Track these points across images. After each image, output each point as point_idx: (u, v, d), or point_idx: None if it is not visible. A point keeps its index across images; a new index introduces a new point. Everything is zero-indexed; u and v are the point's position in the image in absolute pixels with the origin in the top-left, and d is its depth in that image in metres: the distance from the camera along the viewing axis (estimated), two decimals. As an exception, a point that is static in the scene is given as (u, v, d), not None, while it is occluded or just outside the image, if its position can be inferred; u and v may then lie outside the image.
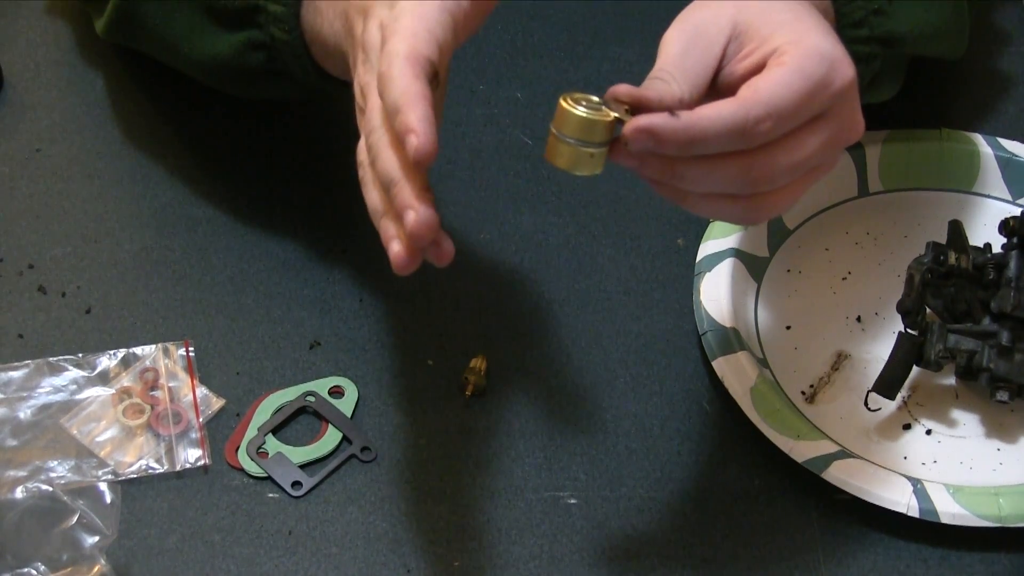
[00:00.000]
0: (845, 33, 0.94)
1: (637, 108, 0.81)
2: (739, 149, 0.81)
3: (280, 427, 0.99)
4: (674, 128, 0.80)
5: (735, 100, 0.81)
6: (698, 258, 1.04)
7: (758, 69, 0.83)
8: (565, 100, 0.81)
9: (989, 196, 1.10)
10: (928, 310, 0.99)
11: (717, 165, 0.82)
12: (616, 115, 0.81)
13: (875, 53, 0.97)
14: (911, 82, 1.07)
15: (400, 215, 0.80)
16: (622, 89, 0.82)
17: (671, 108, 0.81)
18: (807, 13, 0.85)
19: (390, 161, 0.81)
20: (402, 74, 0.80)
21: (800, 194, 0.86)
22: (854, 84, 0.84)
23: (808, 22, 0.84)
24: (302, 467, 0.97)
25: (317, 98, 1.08)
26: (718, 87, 0.84)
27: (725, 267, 1.03)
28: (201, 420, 0.98)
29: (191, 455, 0.97)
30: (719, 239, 1.04)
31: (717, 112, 0.80)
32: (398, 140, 0.80)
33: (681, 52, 0.83)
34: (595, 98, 0.82)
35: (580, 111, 0.80)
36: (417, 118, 0.79)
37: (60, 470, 0.96)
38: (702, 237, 1.04)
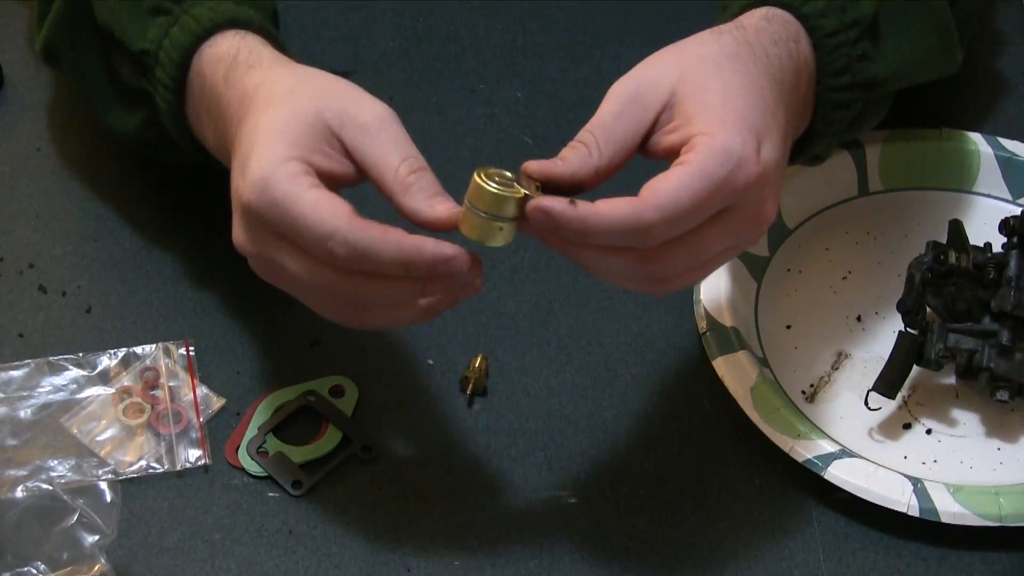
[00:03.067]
0: (826, 81, 0.93)
1: (548, 184, 0.84)
2: (634, 246, 0.83)
3: (280, 426, 0.98)
4: (569, 218, 0.82)
5: (632, 201, 0.82)
6: (698, 258, 1.03)
7: (677, 148, 0.84)
8: (479, 175, 0.83)
9: (989, 196, 1.10)
10: (928, 309, 0.99)
11: (615, 256, 0.83)
12: (525, 192, 0.83)
13: (856, 98, 0.95)
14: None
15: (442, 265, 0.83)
16: (534, 166, 0.84)
17: (583, 182, 0.84)
18: (742, 92, 0.85)
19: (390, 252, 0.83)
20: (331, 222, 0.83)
21: (706, 275, 0.88)
22: (761, 180, 0.84)
23: (736, 106, 0.84)
24: (302, 466, 0.97)
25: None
26: (648, 149, 0.86)
27: (725, 267, 1.03)
28: (201, 419, 0.98)
29: (191, 454, 0.97)
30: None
31: (612, 210, 0.82)
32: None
33: (615, 115, 0.85)
34: (508, 173, 0.84)
35: (492, 187, 0.83)
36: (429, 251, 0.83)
37: (60, 469, 0.96)
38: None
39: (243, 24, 0.93)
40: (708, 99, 0.84)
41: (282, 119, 0.86)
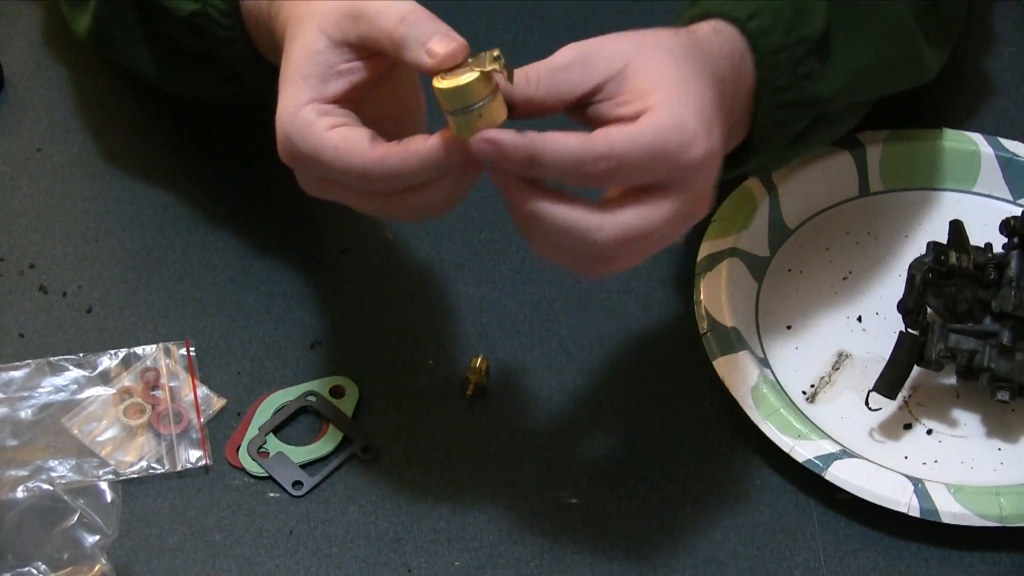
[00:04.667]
0: (767, 99, 0.92)
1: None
2: (578, 184, 0.82)
3: (281, 427, 0.98)
4: (516, 144, 0.81)
5: (583, 135, 0.82)
6: (698, 258, 1.03)
7: (630, 119, 0.83)
8: (436, 80, 0.82)
9: (990, 196, 1.10)
10: (929, 310, 0.99)
11: (561, 209, 0.83)
12: (481, 70, 0.81)
13: (798, 116, 0.94)
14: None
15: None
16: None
17: (514, 102, 0.83)
18: (696, 80, 0.85)
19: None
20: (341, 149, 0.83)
21: (638, 262, 0.87)
22: (708, 162, 0.84)
23: (691, 90, 0.84)
24: (303, 467, 0.97)
25: None
26: (591, 117, 0.85)
27: (725, 267, 1.03)
28: (202, 420, 0.98)
29: (192, 455, 0.97)
30: (719, 239, 1.04)
31: (562, 140, 0.82)
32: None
33: (560, 66, 0.85)
34: (469, 59, 0.83)
35: (446, 84, 0.81)
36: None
37: (61, 470, 0.96)
38: (702, 237, 1.04)
39: None
40: (664, 78, 0.84)
41: (295, 57, 0.86)
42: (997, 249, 1.01)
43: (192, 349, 1.01)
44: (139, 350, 1.01)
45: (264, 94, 0.90)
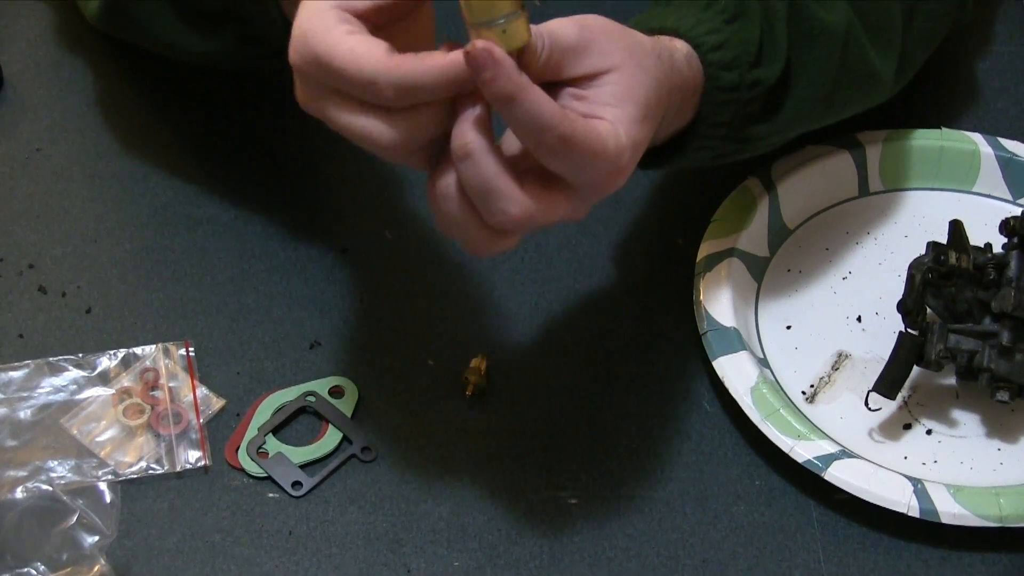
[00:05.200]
0: (702, 129, 0.93)
1: None
2: (524, 141, 0.82)
3: (280, 427, 0.98)
4: (509, 74, 0.80)
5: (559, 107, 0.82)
6: (698, 258, 1.03)
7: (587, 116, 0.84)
8: None
9: (989, 196, 1.10)
10: (928, 310, 0.99)
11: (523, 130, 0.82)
12: None
13: (728, 150, 0.95)
14: (911, 82, 1.07)
15: None
16: None
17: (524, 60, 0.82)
18: (655, 112, 0.86)
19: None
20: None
21: (512, 245, 0.86)
22: (614, 189, 0.85)
23: (644, 123, 0.85)
24: (302, 467, 0.97)
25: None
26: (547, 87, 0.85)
27: (725, 267, 1.03)
28: (201, 420, 0.98)
29: (191, 455, 0.97)
30: (719, 239, 1.04)
31: (546, 101, 0.81)
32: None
33: (564, 48, 0.84)
34: None
35: None
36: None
37: (60, 470, 0.96)
38: (702, 237, 1.04)
39: None
40: (633, 101, 0.84)
41: None
42: (997, 249, 1.01)
43: (191, 349, 1.01)
44: (138, 350, 1.01)
45: (282, 59, 0.89)
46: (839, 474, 0.94)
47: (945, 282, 0.99)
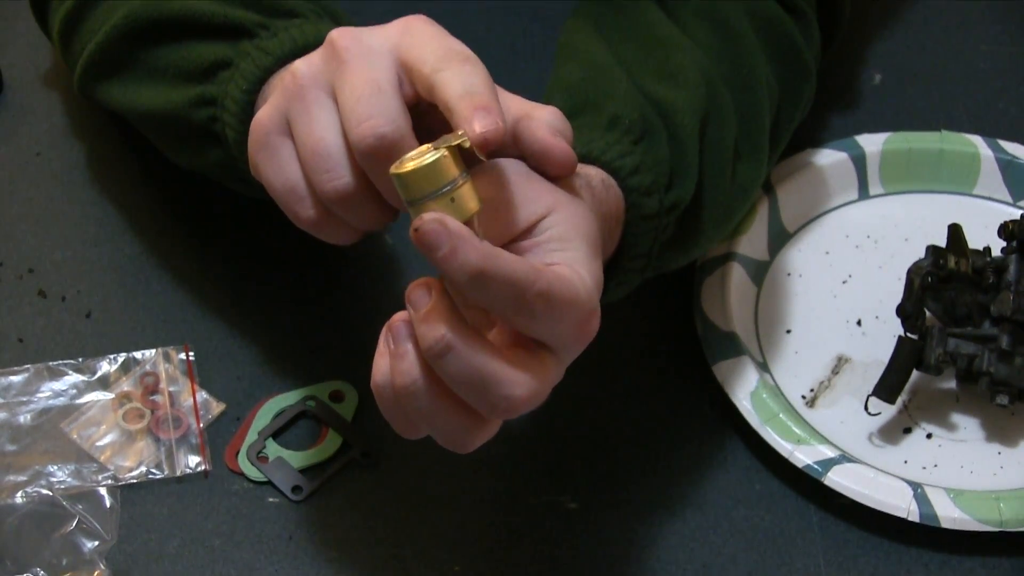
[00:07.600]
0: (624, 263, 0.87)
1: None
2: (509, 312, 0.75)
3: (280, 431, 0.98)
4: (474, 245, 0.73)
5: (532, 263, 0.76)
6: (698, 262, 1.03)
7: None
8: (393, 168, 0.74)
9: (989, 198, 1.10)
10: (928, 314, 0.99)
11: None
12: (447, 146, 0.74)
13: (644, 277, 0.90)
14: (911, 83, 1.07)
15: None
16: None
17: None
18: (598, 252, 0.80)
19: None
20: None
21: (496, 430, 0.80)
22: (590, 333, 0.79)
23: (593, 259, 0.79)
24: (302, 472, 0.97)
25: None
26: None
27: (725, 271, 1.03)
28: (201, 425, 0.98)
29: (191, 460, 0.97)
30: (719, 243, 1.04)
31: (515, 259, 0.75)
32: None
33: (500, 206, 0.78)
34: (423, 147, 0.75)
35: (408, 167, 0.74)
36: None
37: (60, 475, 0.96)
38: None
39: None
40: (576, 237, 0.78)
41: None
42: (996, 253, 1.01)
43: (191, 354, 1.01)
44: (138, 355, 1.01)
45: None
46: (839, 479, 0.94)
47: (944, 286, 0.99)
